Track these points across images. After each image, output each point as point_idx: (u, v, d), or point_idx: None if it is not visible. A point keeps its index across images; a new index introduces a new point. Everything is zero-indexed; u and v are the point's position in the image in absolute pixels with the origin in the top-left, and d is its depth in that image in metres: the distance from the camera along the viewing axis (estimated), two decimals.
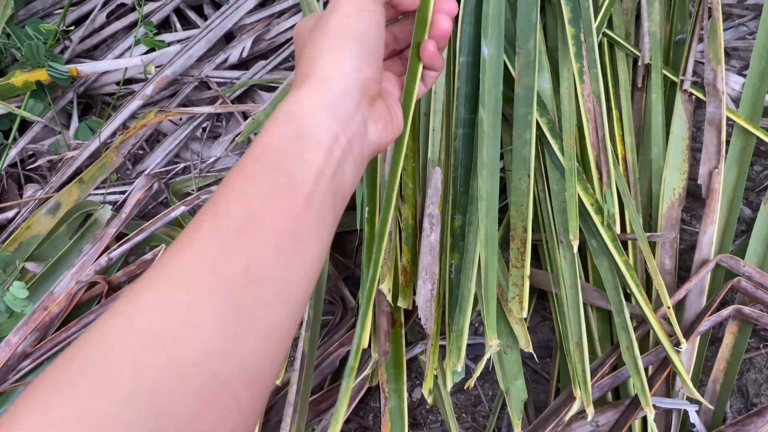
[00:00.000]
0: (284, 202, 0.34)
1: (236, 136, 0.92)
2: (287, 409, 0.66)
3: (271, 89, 0.99)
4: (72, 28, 1.02)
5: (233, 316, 0.31)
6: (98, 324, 0.31)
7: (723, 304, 0.69)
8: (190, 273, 0.32)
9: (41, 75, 0.92)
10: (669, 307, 0.65)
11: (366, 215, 0.69)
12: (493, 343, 0.59)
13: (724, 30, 0.89)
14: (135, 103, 0.95)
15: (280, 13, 1.02)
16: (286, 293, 0.34)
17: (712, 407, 0.67)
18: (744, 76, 0.82)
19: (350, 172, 0.39)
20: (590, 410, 0.60)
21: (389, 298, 0.65)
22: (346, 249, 0.86)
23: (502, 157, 0.76)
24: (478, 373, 0.59)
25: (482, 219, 0.65)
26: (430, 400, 0.64)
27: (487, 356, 0.59)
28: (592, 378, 0.65)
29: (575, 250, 0.66)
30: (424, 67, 0.46)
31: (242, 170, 0.35)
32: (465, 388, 0.64)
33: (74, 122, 0.99)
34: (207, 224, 0.33)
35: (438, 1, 0.45)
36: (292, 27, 1.01)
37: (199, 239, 0.33)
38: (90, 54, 1.06)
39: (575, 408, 0.62)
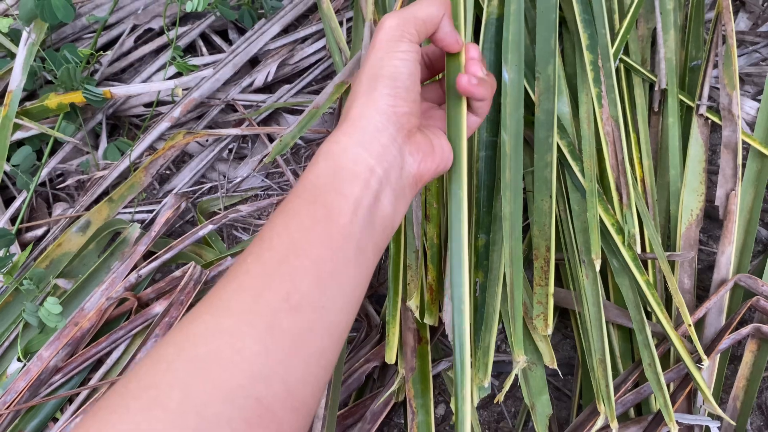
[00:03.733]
0: (323, 232, 0.36)
1: (264, 157, 0.95)
2: (316, 423, 0.67)
3: (295, 112, 1.01)
4: (100, 52, 1.05)
5: (275, 340, 0.33)
6: (151, 353, 0.33)
7: (742, 323, 0.71)
8: (235, 302, 0.34)
9: (76, 97, 0.95)
10: (690, 325, 0.66)
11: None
12: (520, 359, 0.60)
13: (738, 56, 0.91)
14: (163, 125, 0.98)
15: (304, 39, 1.05)
16: (327, 319, 0.35)
17: (733, 423, 0.68)
18: (758, 101, 0.85)
19: (390, 202, 0.41)
20: (614, 425, 0.62)
21: (416, 314, 0.67)
22: None
23: (523, 179, 0.78)
24: (506, 388, 0.60)
25: (506, 238, 0.67)
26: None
27: (515, 372, 0.60)
28: (615, 394, 0.66)
29: (597, 269, 0.67)
30: (468, 99, 0.48)
31: (285, 207, 0.38)
32: (494, 402, 0.66)
33: (103, 143, 1.02)
34: (251, 257, 0.36)
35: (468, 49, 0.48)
36: (315, 52, 1.04)
37: (244, 271, 0.35)
38: (118, 77, 1.09)
39: (599, 423, 0.63)
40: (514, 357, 0.60)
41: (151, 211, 0.96)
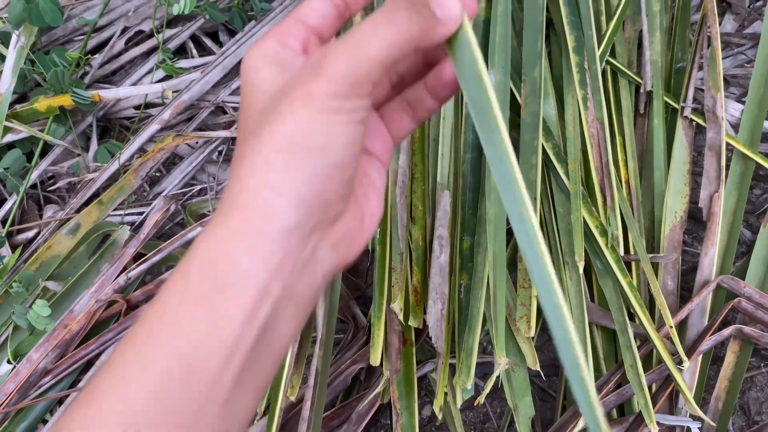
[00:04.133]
0: (175, 401, 0.26)
1: None
2: (301, 424, 0.68)
3: None
4: (89, 55, 1.05)
5: None
6: None
7: (724, 324, 0.72)
8: None
9: (65, 100, 0.95)
10: (671, 327, 0.67)
11: (377, 236, 0.72)
12: (502, 362, 0.61)
13: (723, 58, 0.92)
14: (153, 127, 0.99)
15: None
16: None
17: (714, 424, 0.69)
18: (743, 102, 0.85)
19: (288, 323, 0.29)
20: None
21: (401, 317, 0.67)
22: (358, 269, 0.89)
23: None
24: (487, 390, 0.61)
25: (491, 241, 0.68)
26: (440, 417, 0.66)
27: (496, 374, 0.61)
28: (597, 395, 0.67)
29: (581, 271, 0.68)
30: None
31: (128, 347, 0.27)
32: (475, 404, 0.66)
33: (93, 145, 1.02)
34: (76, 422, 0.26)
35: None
36: None
37: None
38: (109, 79, 1.09)
39: (581, 424, 0.64)
40: (496, 359, 0.61)
41: (140, 214, 0.96)
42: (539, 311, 0.75)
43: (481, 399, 0.62)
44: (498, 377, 0.63)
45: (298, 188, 0.27)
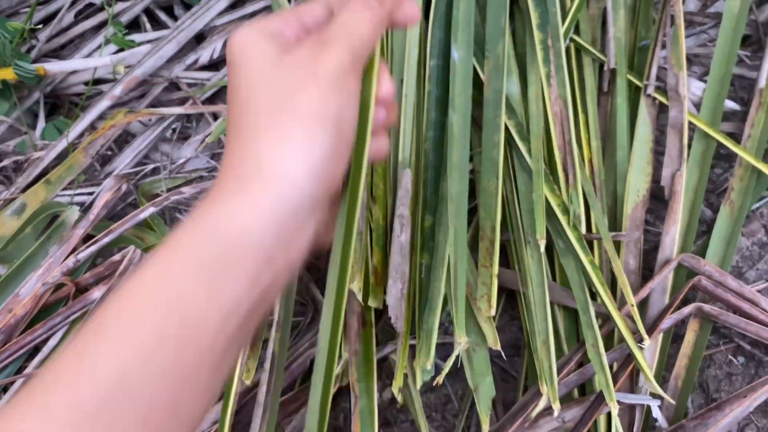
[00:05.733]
0: (169, 361, 0.26)
1: (206, 136, 0.92)
2: (257, 409, 0.66)
3: None
4: (39, 26, 1.00)
5: None
6: None
7: (685, 303, 0.71)
8: None
9: (7, 74, 0.90)
10: (633, 305, 0.66)
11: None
12: (462, 341, 0.60)
13: (686, 37, 0.91)
14: (103, 104, 0.94)
15: (252, 15, 1.02)
16: None
17: (674, 402, 0.69)
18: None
19: (277, 291, 0.31)
20: (556, 406, 0.62)
21: (360, 297, 0.65)
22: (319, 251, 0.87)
23: (471, 159, 0.77)
24: (447, 370, 0.60)
25: (452, 219, 0.66)
26: (400, 399, 0.64)
27: (455, 354, 0.60)
28: (558, 375, 0.66)
29: (542, 249, 0.67)
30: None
31: (128, 302, 0.27)
32: (434, 384, 0.65)
33: (41, 122, 0.98)
34: (59, 394, 0.25)
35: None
36: None
37: (43, 417, 0.24)
38: (57, 53, 1.04)
39: (542, 404, 0.63)
40: (456, 339, 0.60)
41: (91, 194, 0.92)
42: (500, 290, 0.74)
43: (440, 379, 0.60)
44: (458, 358, 0.62)
45: (314, 160, 0.29)
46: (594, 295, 0.69)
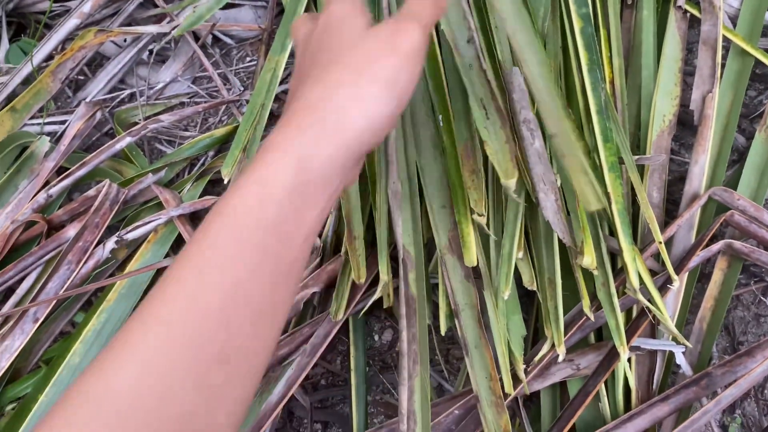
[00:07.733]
0: (270, 272, 0.32)
1: (190, 58, 0.83)
2: None
3: (226, 7, 0.89)
4: None
5: (203, 395, 0.30)
6: (64, 404, 0.29)
7: (711, 240, 0.65)
8: (163, 356, 0.30)
9: None
10: (660, 243, 0.60)
11: (441, 123, 0.61)
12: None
13: None
14: (72, 22, 0.85)
15: None
16: (255, 368, 0.33)
17: (690, 346, 0.63)
18: None
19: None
20: (561, 350, 0.56)
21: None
22: None
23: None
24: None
25: None
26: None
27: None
28: (573, 320, 0.61)
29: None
30: None
31: (235, 223, 0.32)
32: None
33: (4, 44, 0.89)
34: (183, 297, 0.31)
35: None
36: None
37: (177, 317, 0.30)
38: None
39: (546, 347, 0.58)
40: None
41: (62, 122, 0.84)
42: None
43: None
44: None
45: (380, 120, 0.35)
46: (611, 232, 0.63)
